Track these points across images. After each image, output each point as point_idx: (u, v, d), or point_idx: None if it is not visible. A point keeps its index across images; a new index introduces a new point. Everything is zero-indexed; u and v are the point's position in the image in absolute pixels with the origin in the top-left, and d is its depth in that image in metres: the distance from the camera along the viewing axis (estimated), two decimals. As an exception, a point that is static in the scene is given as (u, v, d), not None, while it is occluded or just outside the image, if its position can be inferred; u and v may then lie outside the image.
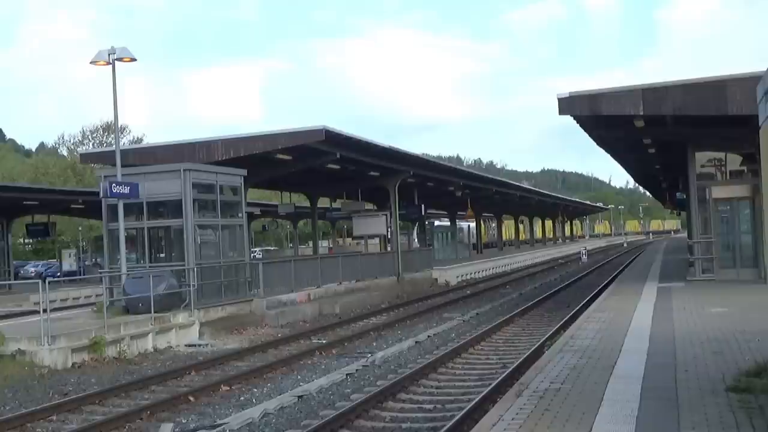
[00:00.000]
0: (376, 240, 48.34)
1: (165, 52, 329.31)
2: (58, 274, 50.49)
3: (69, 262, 53.27)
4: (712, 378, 9.88)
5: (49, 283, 18.18)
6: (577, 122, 24.50)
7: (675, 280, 26.59)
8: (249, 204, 34.00)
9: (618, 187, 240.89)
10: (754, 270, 24.76)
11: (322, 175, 36.98)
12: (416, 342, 19.48)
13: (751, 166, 25.57)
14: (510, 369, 14.30)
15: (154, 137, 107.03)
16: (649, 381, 9.92)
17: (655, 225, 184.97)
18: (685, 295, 21.19)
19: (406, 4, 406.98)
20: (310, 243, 65.26)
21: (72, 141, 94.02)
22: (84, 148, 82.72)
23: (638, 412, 8.32)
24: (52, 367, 16.66)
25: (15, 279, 44.03)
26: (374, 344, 19.84)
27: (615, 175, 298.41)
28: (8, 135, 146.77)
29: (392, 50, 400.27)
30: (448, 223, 67.64)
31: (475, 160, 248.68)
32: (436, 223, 67.89)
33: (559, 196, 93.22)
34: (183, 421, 12.11)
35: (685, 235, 71.04)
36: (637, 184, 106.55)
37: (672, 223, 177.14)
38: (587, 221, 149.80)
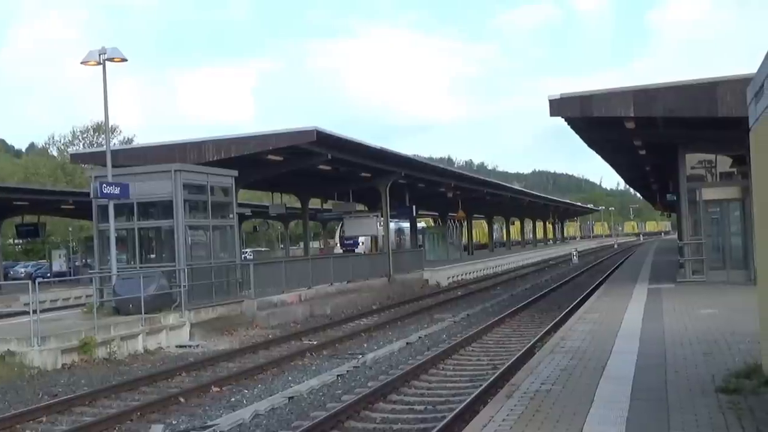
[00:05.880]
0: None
1: (156, 52, 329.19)
2: (48, 274, 50.30)
3: (59, 263, 53.04)
4: (702, 379, 9.90)
5: (38, 283, 18.14)
6: (568, 124, 24.56)
7: (665, 282, 26.66)
8: (240, 205, 33.95)
9: (609, 188, 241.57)
10: (744, 271, 24.82)
11: (313, 176, 36.95)
12: (407, 343, 19.48)
13: (741, 167, 25.65)
14: (501, 370, 14.31)
15: (145, 137, 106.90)
16: (640, 382, 9.94)
17: (629, 227, 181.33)
18: (675, 297, 21.25)
19: (399, 5, 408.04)
20: (302, 244, 65.13)
21: (62, 141, 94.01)
22: (74, 148, 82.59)
23: (628, 413, 8.33)
24: (42, 368, 16.62)
25: (4, 279, 43.83)
26: (365, 345, 19.84)
27: (606, 176, 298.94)
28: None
29: (385, 51, 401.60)
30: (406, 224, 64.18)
31: (466, 161, 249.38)
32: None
33: (550, 197, 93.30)
34: (173, 422, 12.08)
35: (675, 236, 71.24)
36: (628, 186, 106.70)
37: (654, 225, 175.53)
38: (575, 223, 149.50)
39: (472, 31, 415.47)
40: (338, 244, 63.03)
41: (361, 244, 58.65)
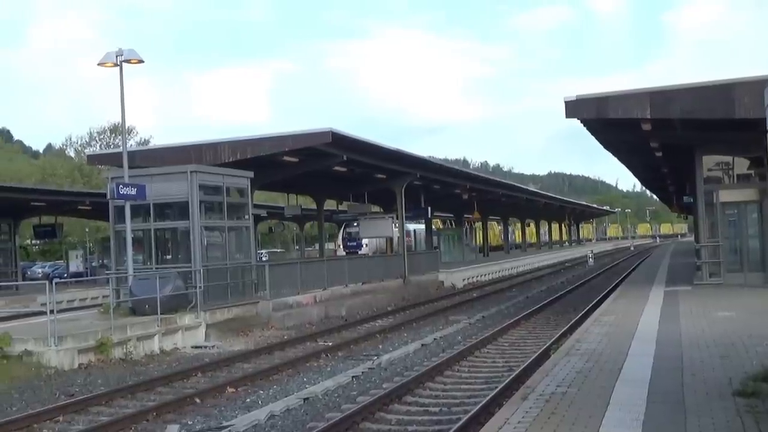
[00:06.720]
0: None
1: (173, 53, 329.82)
2: (65, 275, 50.57)
3: (76, 263, 53.35)
4: (719, 382, 9.85)
5: (55, 284, 18.23)
6: (584, 125, 24.48)
7: (682, 284, 26.50)
8: (255, 206, 34.02)
9: (625, 190, 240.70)
10: (761, 274, 24.68)
11: (328, 177, 36.99)
12: (422, 345, 19.47)
13: (759, 169, 25.53)
14: (516, 372, 14.27)
15: (161, 139, 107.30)
16: (656, 385, 9.89)
17: (643, 229, 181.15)
18: (692, 299, 21.13)
19: (414, 6, 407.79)
20: (317, 245, 65.22)
21: (79, 142, 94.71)
22: (91, 149, 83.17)
23: (644, 416, 8.29)
24: (59, 367, 16.72)
25: (22, 280, 44.11)
26: (380, 347, 19.84)
27: (622, 178, 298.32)
28: (16, 136, 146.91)
29: (400, 52, 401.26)
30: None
31: (481, 163, 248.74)
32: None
33: (566, 199, 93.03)
34: (189, 422, 12.13)
35: (691, 238, 70.89)
36: (644, 188, 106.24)
37: (668, 227, 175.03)
38: (590, 225, 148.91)
39: (487, 33, 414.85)
40: (340, 246, 62.49)
41: (365, 245, 57.90)
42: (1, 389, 14.96)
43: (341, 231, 63.21)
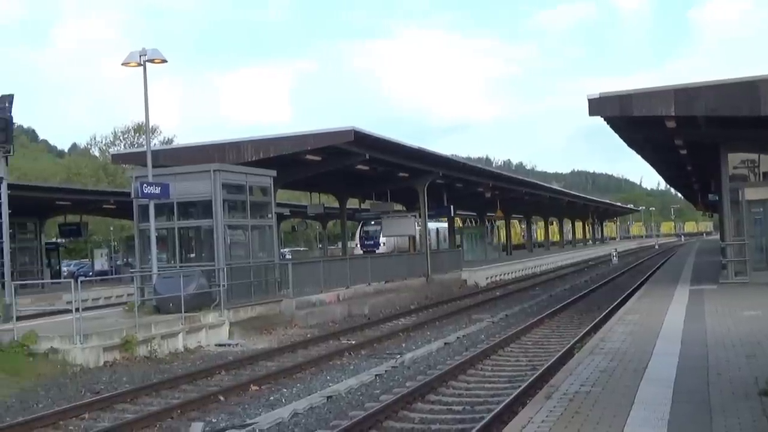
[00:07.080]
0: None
1: (195, 53, 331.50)
2: (90, 273, 50.98)
3: (101, 262, 53.80)
4: (745, 382, 9.76)
5: (81, 282, 18.37)
6: (608, 123, 24.33)
7: (707, 283, 26.28)
8: (278, 205, 34.08)
9: (649, 188, 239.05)
10: (788, 273, 24.41)
11: (350, 176, 37.02)
12: (445, 343, 19.44)
13: (786, 167, 25.23)
14: (540, 371, 14.23)
15: (184, 138, 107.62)
16: (681, 384, 9.82)
17: (666, 228, 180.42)
18: (717, 298, 20.95)
19: (435, 5, 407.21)
20: (340, 244, 65.27)
21: (104, 142, 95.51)
22: (115, 148, 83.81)
23: (670, 415, 8.24)
24: (84, 365, 16.85)
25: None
26: (403, 345, 19.83)
27: (646, 176, 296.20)
28: (41, 136, 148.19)
29: (422, 51, 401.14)
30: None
31: (504, 161, 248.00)
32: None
33: (589, 197, 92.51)
34: (213, 420, 12.18)
35: (716, 237, 70.30)
36: (668, 186, 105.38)
37: (692, 225, 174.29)
38: (614, 224, 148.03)
39: (510, 31, 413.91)
40: (357, 245, 62.30)
41: (382, 244, 57.59)
42: (27, 386, 15.11)
43: (358, 229, 63.14)
